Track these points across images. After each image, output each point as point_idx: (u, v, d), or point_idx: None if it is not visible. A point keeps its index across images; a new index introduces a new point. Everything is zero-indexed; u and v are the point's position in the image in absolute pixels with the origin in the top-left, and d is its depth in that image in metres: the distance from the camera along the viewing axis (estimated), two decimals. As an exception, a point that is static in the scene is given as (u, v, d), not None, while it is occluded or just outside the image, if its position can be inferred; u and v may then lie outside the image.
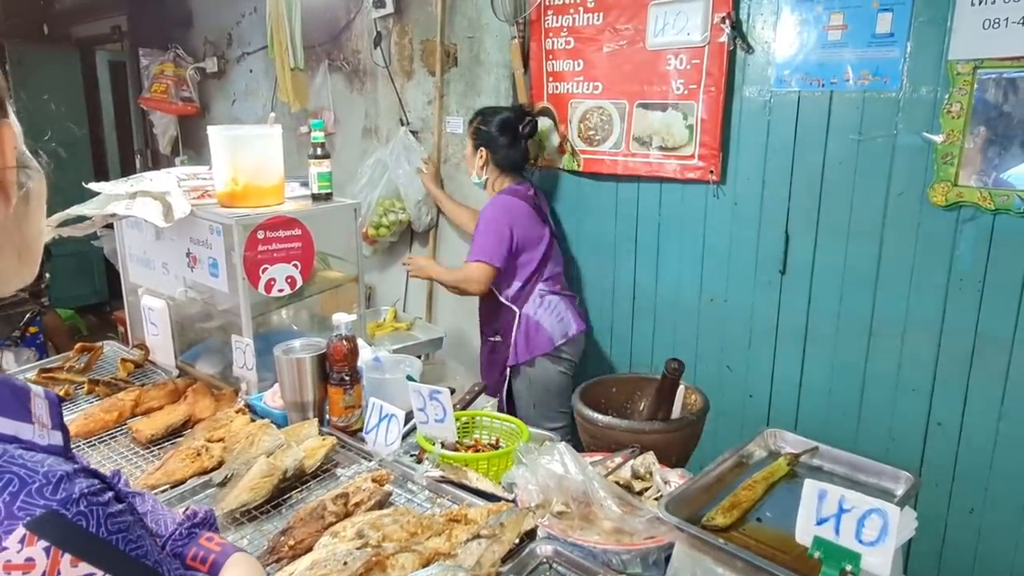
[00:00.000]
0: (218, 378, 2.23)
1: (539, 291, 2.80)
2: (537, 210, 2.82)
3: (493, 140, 2.84)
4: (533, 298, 2.79)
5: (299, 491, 1.61)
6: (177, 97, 4.90)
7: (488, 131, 2.83)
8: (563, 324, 2.81)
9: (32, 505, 0.59)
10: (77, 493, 0.61)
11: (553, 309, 2.80)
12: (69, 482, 0.62)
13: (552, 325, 2.79)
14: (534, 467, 1.50)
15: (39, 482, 0.60)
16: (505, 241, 2.70)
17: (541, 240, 2.79)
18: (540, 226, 2.81)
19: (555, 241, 2.88)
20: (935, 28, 2.10)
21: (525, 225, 2.75)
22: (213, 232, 2.02)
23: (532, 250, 2.77)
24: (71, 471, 0.63)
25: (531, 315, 2.79)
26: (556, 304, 2.81)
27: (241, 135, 2.05)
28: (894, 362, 2.35)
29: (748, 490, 1.47)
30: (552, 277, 2.84)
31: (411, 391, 1.67)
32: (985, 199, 2.09)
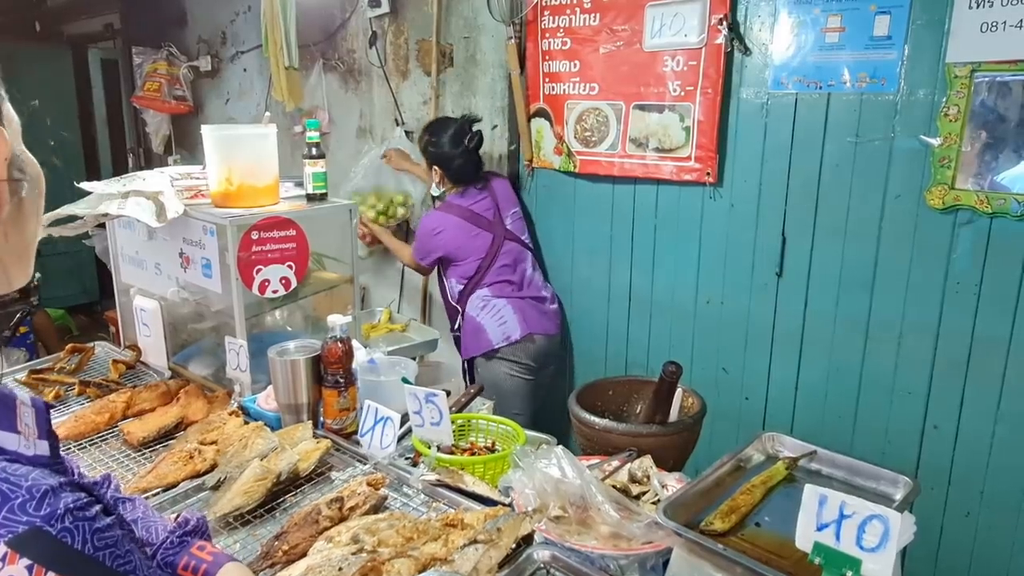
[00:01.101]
0: (211, 380, 2.21)
1: (482, 295, 2.91)
2: (475, 219, 2.90)
3: (443, 156, 2.93)
4: (475, 300, 2.92)
5: (293, 495, 1.59)
6: (170, 96, 4.87)
7: (437, 149, 2.93)
8: (505, 328, 2.88)
9: (14, 521, 0.57)
10: (62, 508, 0.60)
11: (496, 313, 2.89)
12: (54, 497, 0.60)
13: (492, 329, 2.89)
14: (531, 471, 1.49)
15: (22, 497, 0.58)
16: (429, 253, 2.95)
17: (480, 247, 2.90)
18: (478, 235, 2.91)
19: (507, 243, 2.94)
20: (933, 31, 2.10)
21: (455, 238, 2.90)
22: (207, 232, 2.00)
23: (468, 258, 2.91)
24: (56, 485, 0.61)
25: (474, 316, 2.91)
26: (501, 308, 2.89)
27: (235, 134, 2.04)
28: (890, 365, 2.34)
29: (746, 494, 1.46)
30: (501, 281, 2.92)
31: (407, 394, 1.65)
32: (982, 202, 2.09)
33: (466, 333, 2.95)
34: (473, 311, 2.92)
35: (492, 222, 2.94)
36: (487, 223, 2.93)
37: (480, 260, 2.90)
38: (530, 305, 2.93)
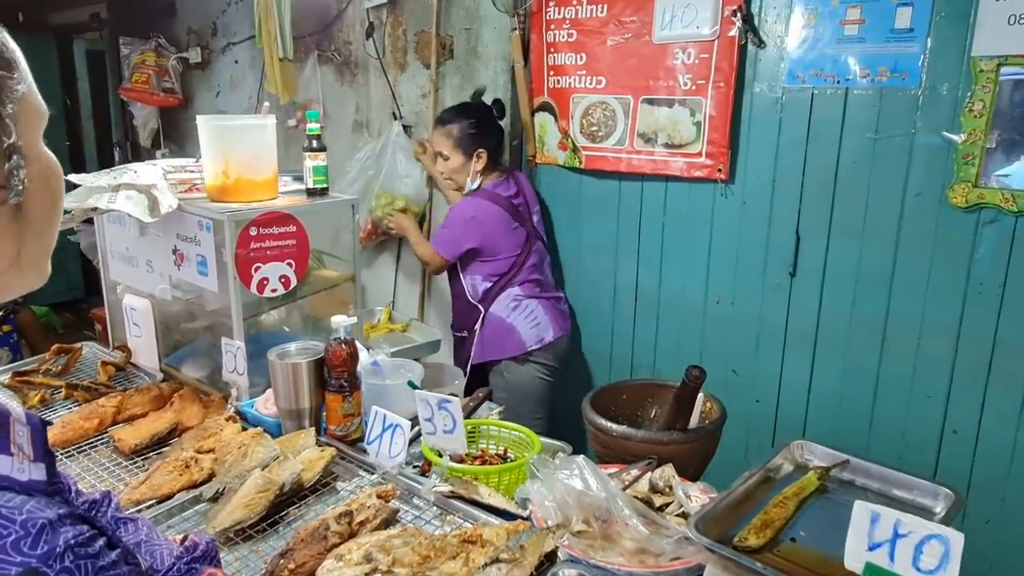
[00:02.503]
0: (205, 383, 2.11)
1: (513, 294, 2.75)
2: (514, 212, 2.75)
3: (489, 136, 2.75)
4: (504, 300, 2.75)
5: (297, 507, 1.50)
6: (159, 88, 4.74)
7: (481, 129, 2.73)
8: (538, 329, 2.76)
9: (7, 562, 0.48)
10: (62, 545, 0.51)
11: (529, 314, 2.76)
12: (52, 532, 0.51)
13: (526, 330, 2.75)
14: (550, 482, 1.41)
15: (16, 534, 0.50)
16: (457, 248, 2.73)
17: (516, 244, 2.74)
18: (516, 229, 2.75)
19: (538, 242, 2.81)
20: (957, 23, 2.03)
21: (495, 231, 2.71)
22: (202, 228, 1.90)
23: (503, 254, 2.74)
24: (54, 518, 0.52)
25: (503, 317, 2.75)
26: (534, 309, 2.76)
27: (233, 125, 1.94)
28: (908, 367, 2.28)
29: (779, 507, 1.38)
30: (531, 280, 2.78)
31: (418, 400, 1.56)
32: (1007, 200, 2.03)
33: (488, 335, 2.78)
34: (501, 311, 2.75)
35: (525, 218, 2.81)
36: (522, 218, 2.78)
37: (515, 256, 2.74)
38: (553, 305, 2.83)
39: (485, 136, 2.72)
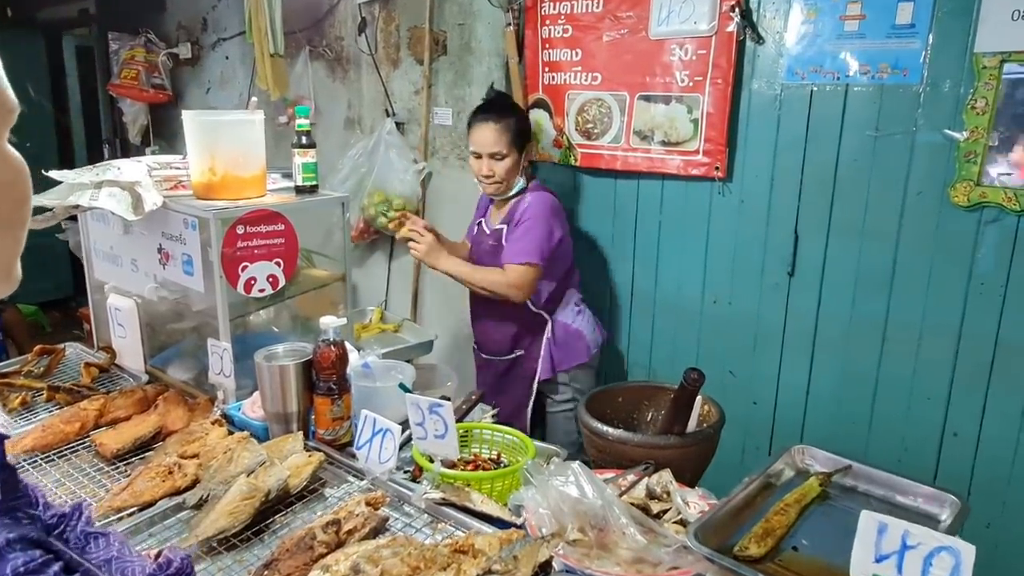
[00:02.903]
0: (191, 385, 2.06)
1: (575, 297, 2.58)
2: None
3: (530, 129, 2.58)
4: (569, 304, 2.55)
5: (283, 515, 1.45)
6: (148, 84, 4.68)
7: (529, 120, 2.60)
8: (597, 331, 2.62)
9: None
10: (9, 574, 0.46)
11: (589, 317, 2.60)
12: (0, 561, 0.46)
13: (590, 334, 2.57)
14: (545, 489, 1.36)
15: None
16: (552, 242, 2.39)
17: (570, 244, 2.56)
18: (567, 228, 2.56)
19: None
20: (960, 19, 2.00)
21: (564, 228, 2.49)
22: (188, 226, 1.85)
23: (567, 254, 2.54)
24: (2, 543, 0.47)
25: (568, 323, 2.52)
26: (590, 312, 2.63)
27: (220, 120, 1.89)
28: (908, 369, 2.24)
29: (780, 515, 1.35)
30: (579, 282, 2.65)
31: (408, 404, 1.52)
32: (1010, 199, 1.99)
33: (559, 344, 2.51)
34: (567, 317, 2.54)
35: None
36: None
37: (573, 256, 2.57)
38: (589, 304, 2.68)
39: (530, 127, 2.58)
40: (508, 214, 2.48)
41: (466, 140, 3.22)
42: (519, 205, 2.45)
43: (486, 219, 2.60)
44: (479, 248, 2.59)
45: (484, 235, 2.57)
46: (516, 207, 2.46)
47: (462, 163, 3.28)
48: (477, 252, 2.61)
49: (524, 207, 2.42)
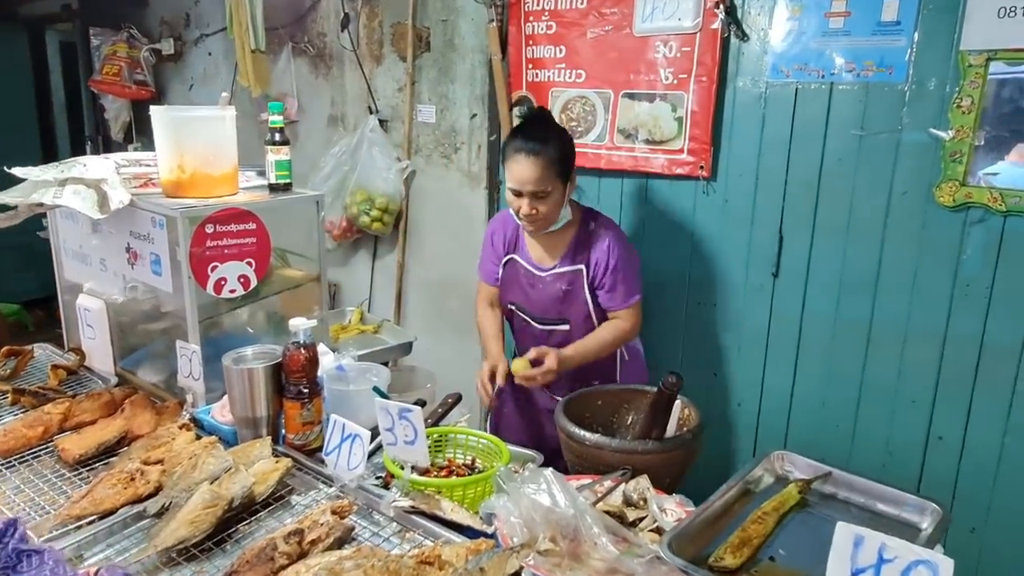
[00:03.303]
0: (162, 387, 2.01)
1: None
2: None
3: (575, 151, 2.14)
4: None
5: (247, 523, 1.40)
6: (131, 80, 4.61)
7: (573, 144, 2.13)
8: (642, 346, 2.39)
9: None
10: None
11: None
12: None
13: (642, 349, 2.37)
14: (517, 496, 1.32)
15: None
16: (640, 267, 2.22)
17: None
18: None
19: None
20: (946, 16, 1.97)
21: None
22: (155, 225, 1.80)
23: None
24: None
25: (633, 343, 2.31)
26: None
27: (188, 116, 1.84)
28: (893, 372, 2.21)
29: (757, 523, 1.31)
30: None
31: (378, 409, 1.47)
32: (996, 200, 1.96)
33: (630, 366, 2.28)
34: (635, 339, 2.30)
35: None
36: None
37: None
38: None
39: (574, 148, 2.13)
40: (569, 252, 2.14)
41: (451, 138, 3.20)
42: (593, 244, 2.12)
43: (524, 256, 2.20)
44: (533, 291, 2.20)
45: (536, 277, 2.18)
46: (585, 246, 2.13)
47: (446, 161, 3.24)
48: (529, 295, 2.21)
49: (605, 248, 2.11)
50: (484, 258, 2.32)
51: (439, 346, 3.39)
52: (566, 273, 2.15)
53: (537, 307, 2.21)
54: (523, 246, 2.22)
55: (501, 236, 2.26)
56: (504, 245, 2.25)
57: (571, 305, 2.17)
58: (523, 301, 2.23)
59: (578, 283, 2.14)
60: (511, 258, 2.24)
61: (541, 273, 2.18)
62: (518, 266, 2.22)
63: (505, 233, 2.25)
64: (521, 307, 2.25)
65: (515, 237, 2.24)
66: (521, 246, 2.22)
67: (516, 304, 2.26)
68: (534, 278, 2.19)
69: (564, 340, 2.15)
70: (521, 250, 2.22)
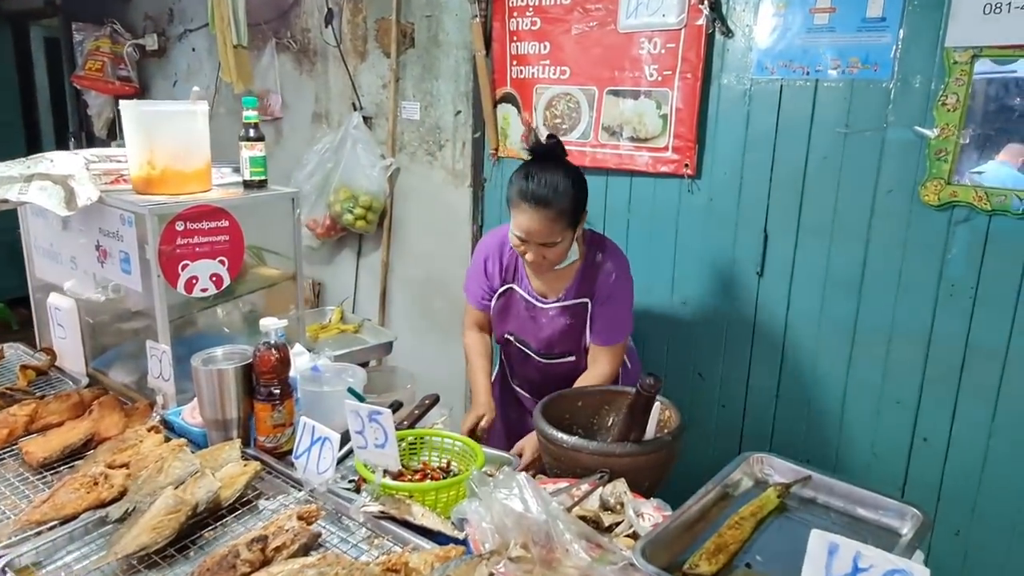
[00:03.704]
0: (133, 388, 1.97)
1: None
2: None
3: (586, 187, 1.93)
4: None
5: (212, 529, 1.37)
6: (114, 76, 4.56)
7: (583, 182, 1.92)
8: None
9: None
10: None
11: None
12: None
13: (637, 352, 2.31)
14: (489, 501, 1.29)
15: None
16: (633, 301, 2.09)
17: None
18: None
19: None
20: (931, 12, 1.94)
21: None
22: (124, 222, 1.76)
23: None
24: None
25: (630, 347, 2.23)
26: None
27: (159, 111, 1.80)
28: (878, 372, 2.19)
29: (734, 529, 1.28)
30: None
31: (347, 411, 1.44)
32: (981, 199, 1.94)
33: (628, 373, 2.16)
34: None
35: None
36: None
37: None
38: None
39: (586, 190, 1.92)
40: (575, 284, 2.00)
41: (435, 135, 3.16)
42: (598, 277, 1.99)
43: (524, 287, 2.05)
44: (534, 324, 2.06)
45: (538, 310, 2.04)
46: (592, 279, 1.99)
47: (430, 159, 3.20)
48: (530, 328, 2.07)
49: (609, 279, 1.98)
50: (473, 281, 2.12)
51: (423, 345, 3.36)
52: (571, 306, 2.01)
53: (540, 341, 2.06)
54: (523, 276, 2.05)
55: (497, 263, 2.06)
56: (500, 274, 2.07)
57: (575, 339, 2.04)
58: (523, 333, 2.09)
59: (583, 316, 2.01)
60: (509, 288, 2.07)
61: (544, 306, 2.02)
62: (517, 296, 2.06)
63: (501, 260, 2.06)
64: (521, 339, 2.10)
65: (513, 267, 2.06)
66: (520, 276, 2.05)
67: (514, 335, 2.11)
68: (536, 310, 2.04)
69: (570, 371, 2.04)
70: (521, 280, 2.05)
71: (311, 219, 3.45)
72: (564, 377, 2.03)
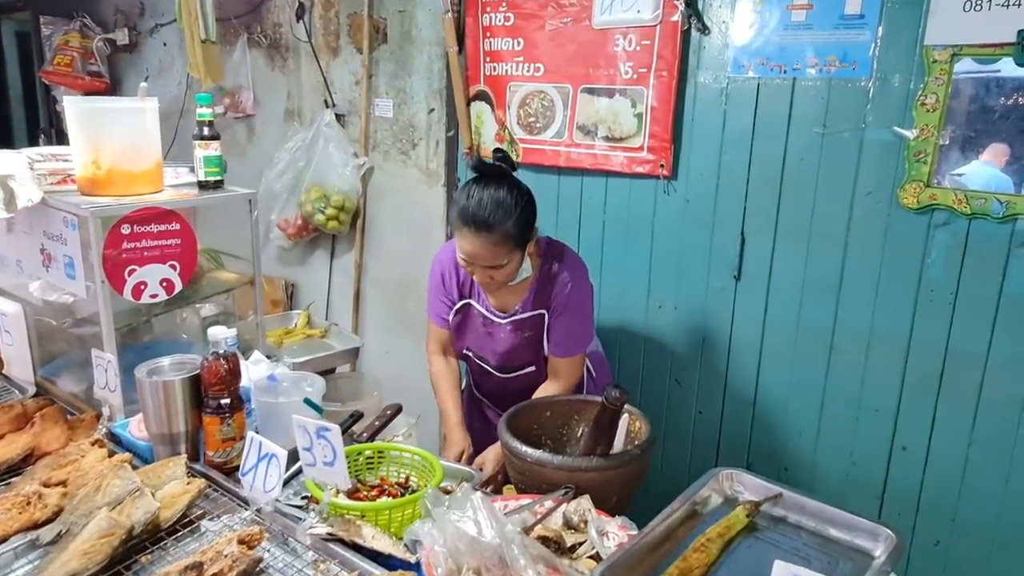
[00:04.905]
0: (82, 398, 1.88)
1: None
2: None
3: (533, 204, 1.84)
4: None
5: (149, 552, 1.29)
6: (84, 71, 4.43)
7: (531, 200, 1.83)
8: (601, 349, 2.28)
9: None
10: None
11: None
12: None
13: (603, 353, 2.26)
14: (442, 523, 1.22)
15: None
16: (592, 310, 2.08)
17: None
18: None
19: None
20: (910, 9, 1.88)
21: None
22: (68, 225, 1.67)
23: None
24: None
25: (596, 349, 2.20)
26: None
27: (104, 107, 1.72)
28: (857, 379, 2.14)
29: (700, 552, 1.22)
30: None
31: (295, 427, 1.36)
32: (960, 202, 1.89)
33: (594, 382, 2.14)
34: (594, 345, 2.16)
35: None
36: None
37: None
38: None
39: (534, 207, 1.85)
40: (530, 296, 1.94)
41: (408, 133, 3.08)
42: (554, 287, 1.93)
43: (482, 302, 2.00)
44: (491, 340, 2.01)
45: (495, 325, 1.98)
46: (547, 290, 1.93)
47: (404, 158, 3.13)
48: (487, 344, 2.02)
49: (564, 289, 1.92)
50: (432, 298, 2.06)
51: (397, 348, 3.29)
52: (528, 319, 1.95)
53: (498, 356, 2.01)
54: (479, 291, 1.99)
55: (454, 278, 2.00)
56: (457, 288, 2.01)
57: (535, 350, 1.99)
58: (480, 349, 2.04)
59: (540, 328, 1.96)
60: (466, 303, 2.01)
61: (501, 321, 1.97)
62: (474, 312, 2.01)
63: (458, 275, 2.00)
64: (479, 355, 2.06)
65: (470, 282, 1.99)
66: (477, 291, 2.00)
67: (472, 351, 2.07)
68: (493, 326, 1.99)
69: (531, 382, 2.00)
70: (478, 296, 2.00)
71: (283, 219, 3.37)
72: (526, 388, 1.99)
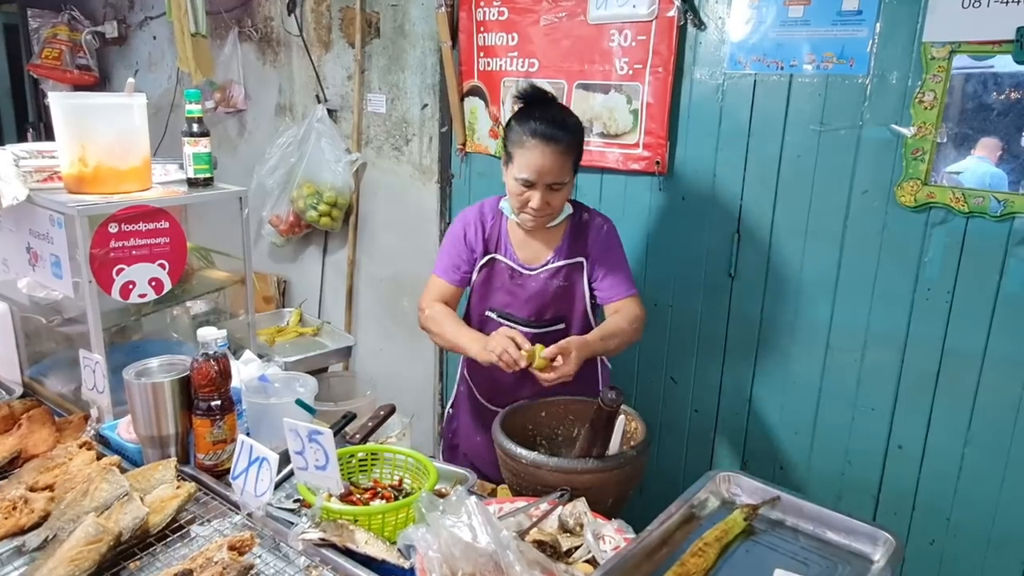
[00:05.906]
0: (70, 399, 1.86)
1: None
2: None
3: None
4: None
5: (138, 559, 1.27)
6: (72, 65, 4.38)
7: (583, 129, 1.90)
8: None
9: None
10: None
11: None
12: None
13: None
14: (436, 528, 1.20)
15: None
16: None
17: None
18: None
19: None
20: (908, 6, 1.87)
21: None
22: (54, 224, 1.64)
23: None
24: None
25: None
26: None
27: (90, 104, 1.68)
28: (853, 378, 2.12)
29: (698, 557, 1.21)
30: None
31: (287, 430, 1.34)
32: (958, 200, 1.87)
33: (608, 373, 2.16)
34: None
35: None
36: None
37: None
38: None
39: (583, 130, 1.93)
40: (564, 244, 1.94)
41: (401, 129, 3.05)
42: (589, 233, 1.95)
43: (510, 255, 1.96)
44: (522, 292, 1.95)
45: (525, 277, 1.94)
46: (582, 236, 1.94)
47: (397, 154, 3.10)
48: (517, 297, 1.96)
49: (601, 233, 1.95)
50: (448, 254, 1.99)
51: (391, 345, 3.26)
52: (563, 267, 1.93)
53: (527, 309, 1.95)
54: (507, 244, 1.96)
55: (480, 232, 1.96)
56: (483, 242, 1.96)
57: (568, 302, 1.96)
58: (508, 306, 1.97)
59: (576, 276, 1.95)
60: (491, 257, 1.97)
61: (531, 272, 1.94)
62: (500, 266, 1.96)
63: (484, 229, 1.96)
64: (505, 313, 1.98)
65: (497, 235, 1.96)
66: (504, 244, 1.96)
67: (497, 310, 1.99)
68: (523, 278, 1.95)
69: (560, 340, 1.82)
70: (505, 249, 1.96)
71: (274, 215, 3.34)
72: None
